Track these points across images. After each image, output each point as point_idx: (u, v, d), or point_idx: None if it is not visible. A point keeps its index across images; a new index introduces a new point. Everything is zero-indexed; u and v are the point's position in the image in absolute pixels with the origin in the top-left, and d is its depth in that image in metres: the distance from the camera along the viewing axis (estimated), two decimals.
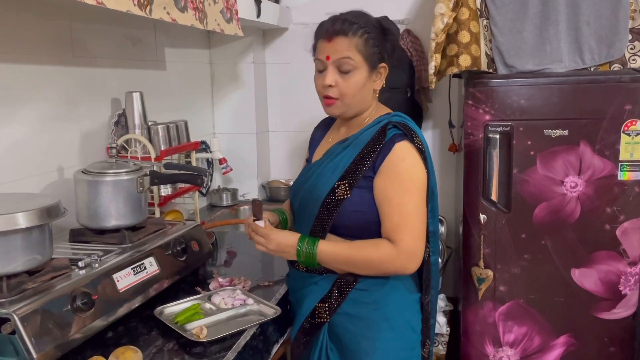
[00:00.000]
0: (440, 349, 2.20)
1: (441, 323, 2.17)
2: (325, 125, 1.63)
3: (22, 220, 1.14)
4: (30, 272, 1.20)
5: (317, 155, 1.55)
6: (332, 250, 1.37)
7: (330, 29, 1.38)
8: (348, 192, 1.37)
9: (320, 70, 1.42)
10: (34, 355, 1.05)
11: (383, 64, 1.43)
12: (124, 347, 1.16)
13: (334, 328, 1.42)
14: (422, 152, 1.38)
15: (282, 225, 1.57)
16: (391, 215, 1.35)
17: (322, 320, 1.42)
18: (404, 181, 1.35)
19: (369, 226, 1.39)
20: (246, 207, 2.65)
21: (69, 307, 1.16)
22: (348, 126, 1.50)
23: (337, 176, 1.40)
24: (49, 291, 1.15)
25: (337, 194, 1.38)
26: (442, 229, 2.35)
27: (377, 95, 1.48)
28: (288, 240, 1.38)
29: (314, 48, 1.45)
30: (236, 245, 2.06)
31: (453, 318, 2.30)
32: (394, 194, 1.35)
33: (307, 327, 1.43)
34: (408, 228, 1.34)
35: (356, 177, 1.38)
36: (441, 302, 2.28)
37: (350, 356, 1.40)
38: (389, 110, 1.50)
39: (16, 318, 1.05)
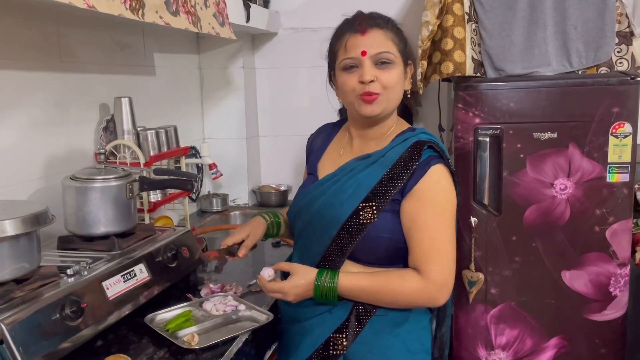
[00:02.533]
0: None
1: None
2: (326, 134, 1.51)
3: (9, 228, 1.12)
4: (18, 281, 1.18)
5: (325, 168, 1.43)
6: (355, 284, 1.27)
7: (365, 22, 1.29)
8: (375, 216, 1.26)
9: (349, 69, 1.30)
10: None
11: (410, 62, 1.36)
12: (115, 355, 1.15)
13: (350, 358, 1.31)
14: (454, 175, 1.32)
15: (274, 230, 1.49)
16: (421, 243, 1.25)
17: (337, 352, 1.30)
18: (437, 205, 1.26)
19: (393, 252, 1.30)
20: (237, 212, 2.63)
21: (58, 315, 1.14)
22: (364, 138, 1.39)
23: (361, 197, 1.28)
24: (37, 300, 1.13)
25: (361, 217, 1.27)
26: None
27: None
28: (306, 283, 1.28)
29: (336, 48, 1.34)
30: None
31: None
32: (425, 219, 1.25)
33: (320, 359, 1.31)
34: (439, 257, 1.26)
35: (385, 199, 1.26)
36: None
37: None
38: (408, 125, 1.41)
39: (4, 327, 1.03)
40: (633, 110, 1.85)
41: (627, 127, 1.86)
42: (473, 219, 1.97)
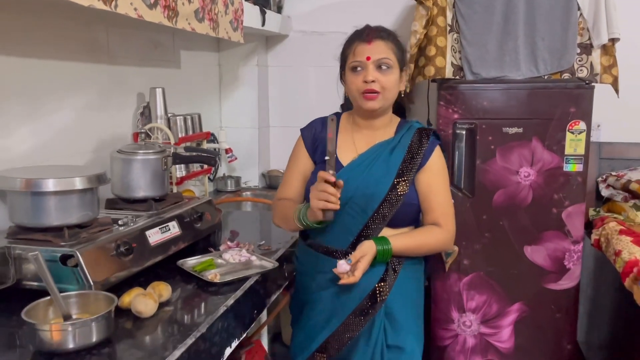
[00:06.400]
0: None
1: None
2: (325, 127, 1.67)
3: (79, 183, 1.45)
4: (82, 226, 1.50)
5: (345, 154, 1.69)
6: (403, 243, 1.61)
7: (371, 34, 1.61)
8: (407, 188, 1.62)
9: (356, 70, 1.60)
10: (92, 283, 1.36)
11: (405, 68, 1.70)
12: (157, 282, 1.48)
13: (389, 302, 1.63)
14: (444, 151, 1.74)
15: None
16: (438, 204, 1.65)
17: (383, 297, 1.61)
18: (443, 176, 1.69)
19: (413, 215, 1.69)
20: (248, 192, 2.97)
21: (115, 252, 1.46)
22: (371, 128, 1.70)
23: (394, 174, 1.62)
24: (99, 239, 1.45)
25: (399, 190, 1.61)
26: None
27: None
28: (373, 255, 1.57)
29: (347, 53, 1.64)
30: (238, 224, 2.34)
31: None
32: (440, 187, 1.66)
33: (367, 306, 1.60)
34: (451, 213, 1.69)
35: (412, 174, 1.63)
36: None
37: (399, 327, 1.64)
38: (398, 117, 1.77)
39: (79, 254, 1.35)
40: (587, 111, 2.17)
41: (582, 125, 2.18)
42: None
